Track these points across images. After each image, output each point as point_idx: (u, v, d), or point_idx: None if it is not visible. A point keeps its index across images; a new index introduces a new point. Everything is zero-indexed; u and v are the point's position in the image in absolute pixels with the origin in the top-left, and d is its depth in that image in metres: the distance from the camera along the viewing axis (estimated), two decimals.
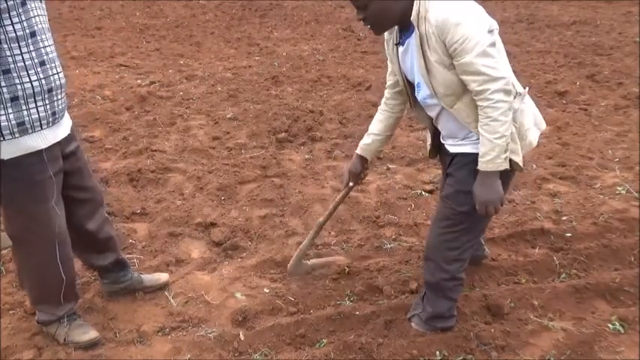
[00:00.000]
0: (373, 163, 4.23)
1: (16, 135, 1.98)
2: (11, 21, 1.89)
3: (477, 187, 2.07)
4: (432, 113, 2.24)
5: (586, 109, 5.27)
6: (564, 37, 8.06)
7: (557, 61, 6.82)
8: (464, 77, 1.98)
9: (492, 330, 2.40)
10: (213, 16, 9.84)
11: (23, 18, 1.92)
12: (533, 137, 2.19)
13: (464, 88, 2.02)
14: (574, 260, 2.92)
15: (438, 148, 2.44)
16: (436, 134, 2.39)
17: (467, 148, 2.17)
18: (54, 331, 2.39)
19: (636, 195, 3.61)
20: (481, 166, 2.04)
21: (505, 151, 2.00)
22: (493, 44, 1.96)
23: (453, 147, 2.25)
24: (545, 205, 3.55)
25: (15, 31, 1.91)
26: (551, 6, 10.40)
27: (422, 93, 2.17)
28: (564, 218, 3.38)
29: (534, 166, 4.11)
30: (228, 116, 5.11)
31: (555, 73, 6.39)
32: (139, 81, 6.21)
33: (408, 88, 2.28)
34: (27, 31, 1.94)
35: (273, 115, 5.01)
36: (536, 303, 2.60)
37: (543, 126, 2.28)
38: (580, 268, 2.89)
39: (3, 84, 1.93)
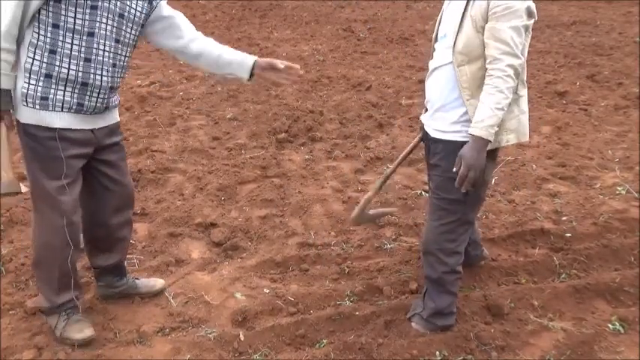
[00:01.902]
0: (373, 163, 4.25)
1: (37, 107, 2.12)
2: (75, 15, 2.06)
3: (465, 150, 2.10)
4: (434, 64, 2.27)
5: (586, 109, 5.27)
6: (564, 37, 8.06)
7: (557, 61, 6.82)
8: (488, 41, 2.05)
9: (492, 330, 2.40)
10: (213, 16, 9.84)
11: (87, 17, 2.08)
12: (505, 138, 2.22)
13: (478, 56, 2.09)
14: (574, 260, 2.93)
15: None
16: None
17: (450, 136, 2.22)
18: (54, 324, 2.39)
19: (636, 195, 3.61)
20: (474, 130, 2.07)
21: (497, 126, 2.06)
22: (527, 28, 2.07)
23: (429, 125, 2.31)
24: (545, 205, 3.55)
25: (74, 24, 2.07)
26: (551, 6, 10.41)
27: (442, 44, 2.23)
28: (564, 218, 3.38)
29: (534, 166, 4.11)
30: (228, 116, 5.11)
31: (555, 73, 6.39)
32: (138, 81, 6.20)
33: (434, 41, 2.34)
34: (85, 29, 2.09)
35: (273, 115, 5.01)
36: (536, 303, 2.60)
37: (524, 139, 2.30)
38: (580, 268, 2.89)
39: (45, 60, 2.08)
